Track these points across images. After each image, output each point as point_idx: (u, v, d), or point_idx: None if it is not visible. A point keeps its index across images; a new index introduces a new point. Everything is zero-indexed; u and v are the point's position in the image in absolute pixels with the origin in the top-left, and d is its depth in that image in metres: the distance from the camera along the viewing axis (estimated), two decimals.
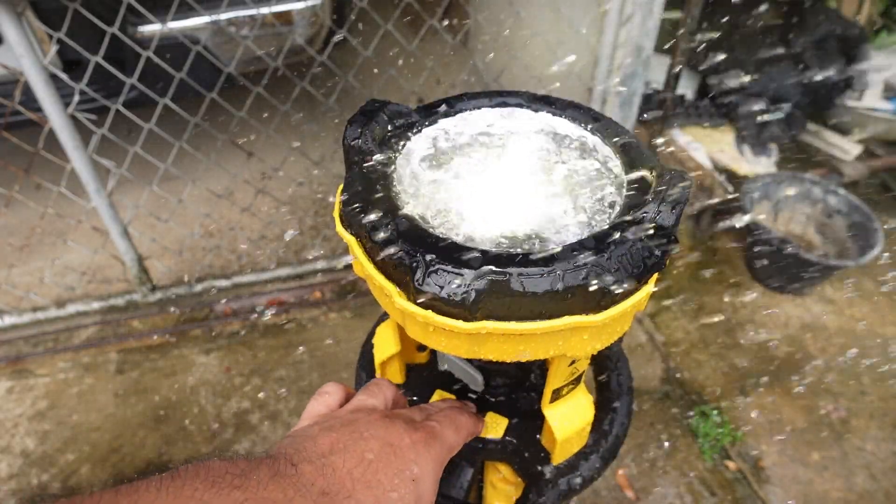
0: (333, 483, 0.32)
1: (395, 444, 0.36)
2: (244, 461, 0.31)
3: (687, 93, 2.22)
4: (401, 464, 0.35)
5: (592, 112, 0.45)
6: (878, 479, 1.41)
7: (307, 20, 1.57)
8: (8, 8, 1.07)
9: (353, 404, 0.42)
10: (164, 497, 0.26)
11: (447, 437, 0.40)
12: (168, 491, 0.26)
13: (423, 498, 0.36)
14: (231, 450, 1.41)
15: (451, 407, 0.46)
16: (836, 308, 1.83)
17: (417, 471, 0.36)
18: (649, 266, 0.34)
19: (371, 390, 0.44)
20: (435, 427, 0.40)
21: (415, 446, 0.37)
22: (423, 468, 0.36)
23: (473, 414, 0.48)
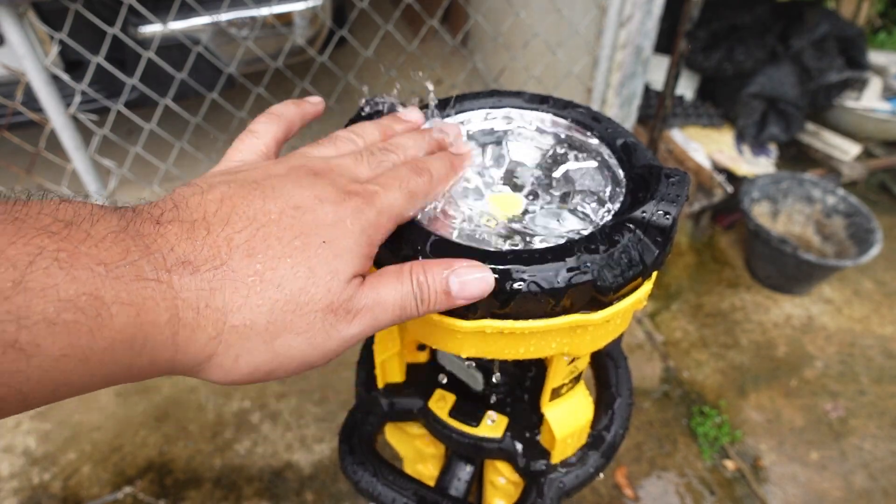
0: (203, 248, 0.25)
1: (307, 207, 0.28)
2: (93, 207, 0.24)
3: (686, 93, 2.22)
4: (305, 228, 0.28)
5: (592, 112, 0.45)
6: (877, 479, 1.41)
7: (307, 21, 1.58)
8: (10, 9, 1.08)
9: (289, 155, 0.34)
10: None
11: (390, 204, 0.32)
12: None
13: (339, 272, 0.28)
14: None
15: (408, 164, 0.35)
16: (835, 308, 1.83)
17: (333, 234, 0.28)
18: (648, 265, 0.34)
19: (340, 137, 0.36)
20: (375, 192, 0.31)
21: (337, 211, 0.29)
22: (342, 231, 0.29)
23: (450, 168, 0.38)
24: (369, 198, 0.31)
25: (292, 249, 0.27)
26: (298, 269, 0.27)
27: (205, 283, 0.25)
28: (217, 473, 1.37)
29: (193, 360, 0.26)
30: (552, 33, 1.74)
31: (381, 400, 0.55)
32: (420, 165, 0.36)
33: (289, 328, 0.27)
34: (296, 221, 0.28)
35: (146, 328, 0.23)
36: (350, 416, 0.57)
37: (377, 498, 0.50)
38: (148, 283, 0.23)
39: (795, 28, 2.04)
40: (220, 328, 0.25)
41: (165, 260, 0.24)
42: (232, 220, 0.27)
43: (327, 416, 1.49)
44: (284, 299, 0.26)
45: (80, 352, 0.21)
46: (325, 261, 0.28)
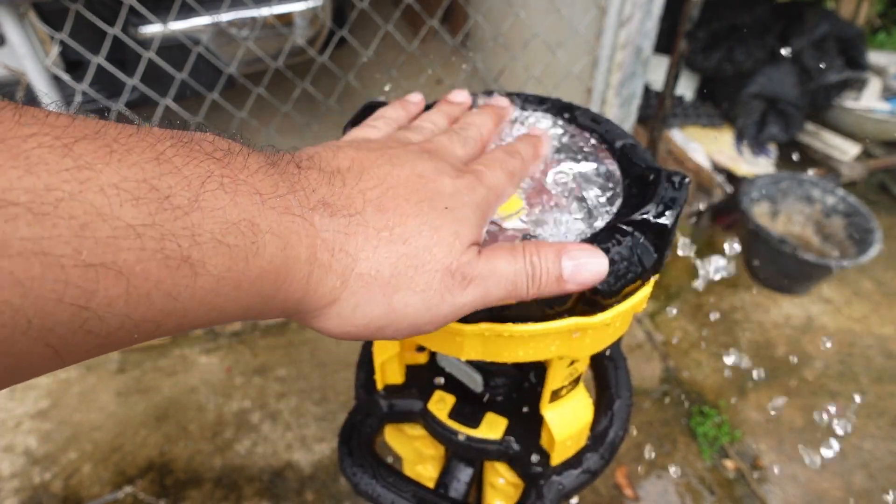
0: (340, 196, 0.27)
1: (428, 177, 0.30)
2: (241, 145, 0.25)
3: (686, 93, 2.22)
4: (429, 193, 0.29)
5: (591, 113, 0.45)
6: (877, 478, 1.41)
7: (307, 21, 1.58)
8: (10, 10, 1.08)
9: (392, 137, 0.36)
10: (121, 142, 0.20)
11: (496, 183, 0.34)
12: (130, 136, 0.21)
13: (461, 235, 0.29)
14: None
15: (501, 148, 0.38)
16: (835, 308, 1.83)
17: (455, 202, 0.30)
18: (648, 266, 0.34)
19: (420, 126, 0.38)
20: (482, 171, 0.34)
21: (455, 183, 0.31)
22: (462, 202, 0.30)
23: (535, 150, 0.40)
24: (479, 176, 0.33)
25: (419, 210, 0.28)
26: (424, 227, 0.28)
27: (341, 227, 0.26)
28: (217, 473, 1.37)
29: (318, 304, 0.26)
30: (552, 33, 1.74)
31: (380, 401, 0.55)
32: (511, 149, 0.38)
33: (409, 284, 0.27)
34: (420, 187, 0.29)
35: (289, 262, 0.24)
36: (349, 417, 0.57)
37: (376, 499, 0.50)
38: (294, 217, 0.24)
39: (795, 28, 2.04)
40: (349, 274, 0.26)
41: (308, 199, 0.26)
42: (364, 178, 0.28)
43: (327, 415, 1.49)
44: (409, 254, 0.27)
45: (235, 276, 0.22)
46: (448, 223, 0.29)
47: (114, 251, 0.18)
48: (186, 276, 0.21)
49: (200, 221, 0.21)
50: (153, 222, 0.19)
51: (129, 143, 0.20)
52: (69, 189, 0.18)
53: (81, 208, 0.18)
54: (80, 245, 0.18)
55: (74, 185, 0.18)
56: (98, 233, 0.18)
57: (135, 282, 0.19)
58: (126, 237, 0.19)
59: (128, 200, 0.19)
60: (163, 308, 0.20)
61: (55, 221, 0.17)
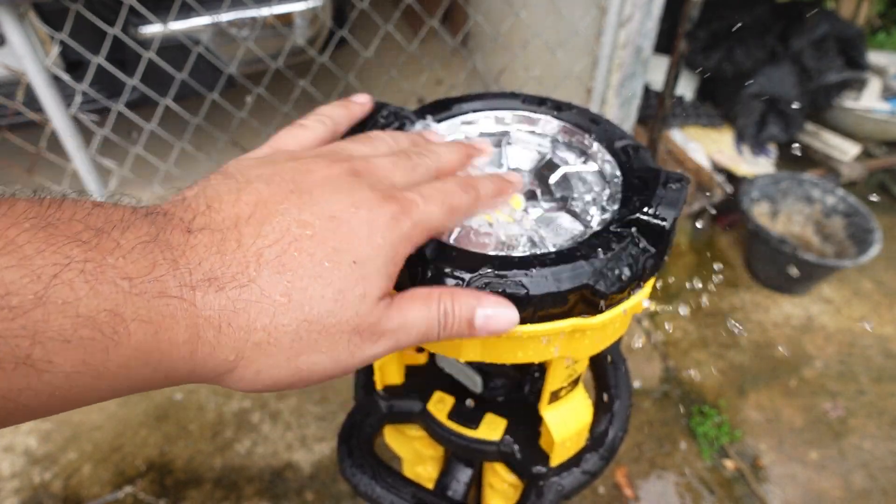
0: (232, 263, 0.24)
1: (342, 218, 0.27)
2: (123, 214, 0.23)
3: (686, 93, 2.22)
4: (338, 243, 0.27)
5: (590, 114, 0.45)
6: (877, 478, 1.41)
7: (308, 21, 1.58)
8: (10, 9, 1.08)
9: (328, 148, 0.33)
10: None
11: (427, 217, 0.31)
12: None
13: (368, 295, 0.27)
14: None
15: (456, 179, 0.34)
16: (835, 308, 1.83)
17: (365, 252, 0.27)
18: (647, 268, 0.34)
19: (376, 137, 0.35)
20: (414, 202, 0.30)
21: (373, 221, 0.28)
22: (374, 248, 0.28)
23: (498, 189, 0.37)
24: (407, 207, 0.30)
25: (322, 270, 0.26)
26: (327, 290, 0.26)
27: (229, 301, 0.24)
28: (217, 473, 1.37)
29: (212, 374, 0.25)
30: (552, 33, 1.74)
31: (380, 402, 0.55)
32: (468, 182, 0.35)
33: (313, 347, 0.26)
34: (329, 235, 0.27)
35: (163, 346, 0.23)
36: (349, 417, 0.57)
37: (376, 500, 0.50)
38: (171, 300, 0.23)
39: (795, 28, 2.04)
40: (242, 346, 0.25)
41: (192, 275, 0.24)
42: (264, 231, 0.26)
43: (327, 415, 1.49)
44: (311, 320, 0.26)
45: (94, 369, 0.21)
46: (354, 283, 0.27)
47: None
48: (27, 376, 0.19)
49: (45, 318, 0.19)
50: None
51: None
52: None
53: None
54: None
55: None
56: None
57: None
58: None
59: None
60: (2, 408, 0.19)
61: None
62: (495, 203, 0.37)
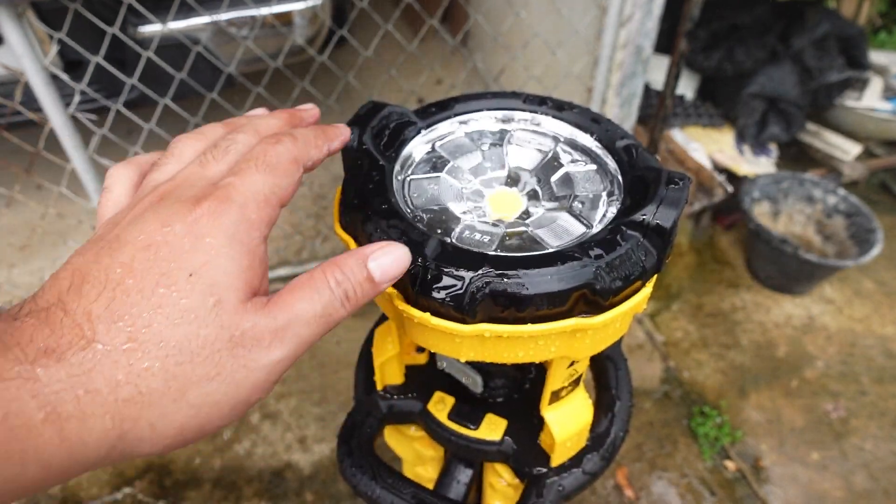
0: (65, 332, 0.23)
1: (158, 242, 0.25)
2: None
3: (686, 93, 2.22)
4: (163, 267, 0.25)
5: (591, 113, 0.45)
6: (878, 479, 1.41)
7: (307, 20, 1.57)
8: (9, 8, 1.07)
9: (139, 193, 0.31)
10: None
11: (251, 189, 0.28)
12: None
13: (218, 286, 0.25)
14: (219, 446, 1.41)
15: (269, 138, 0.31)
16: (836, 308, 1.83)
17: (198, 260, 0.25)
18: (648, 267, 0.34)
19: (176, 151, 0.32)
20: (228, 184, 0.28)
21: (193, 228, 0.26)
22: (207, 253, 0.26)
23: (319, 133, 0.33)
24: (223, 194, 0.27)
25: (159, 298, 0.24)
26: (174, 315, 0.24)
27: (75, 367, 0.22)
28: (217, 474, 1.37)
29: (102, 448, 0.23)
30: (552, 33, 1.74)
31: (380, 402, 0.55)
32: (276, 136, 0.31)
33: (195, 379, 0.24)
34: (150, 265, 0.25)
35: (21, 432, 0.21)
36: (349, 418, 0.57)
37: (376, 501, 0.49)
38: (10, 382, 0.21)
39: (796, 27, 2.04)
40: (113, 408, 0.23)
41: (26, 354, 0.22)
42: (84, 291, 0.24)
43: (327, 416, 1.49)
44: (174, 353, 0.24)
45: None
46: (200, 295, 0.25)
47: None
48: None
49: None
50: None
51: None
52: None
53: None
54: None
55: None
56: None
57: None
58: None
59: None
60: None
61: None
62: (327, 147, 0.34)
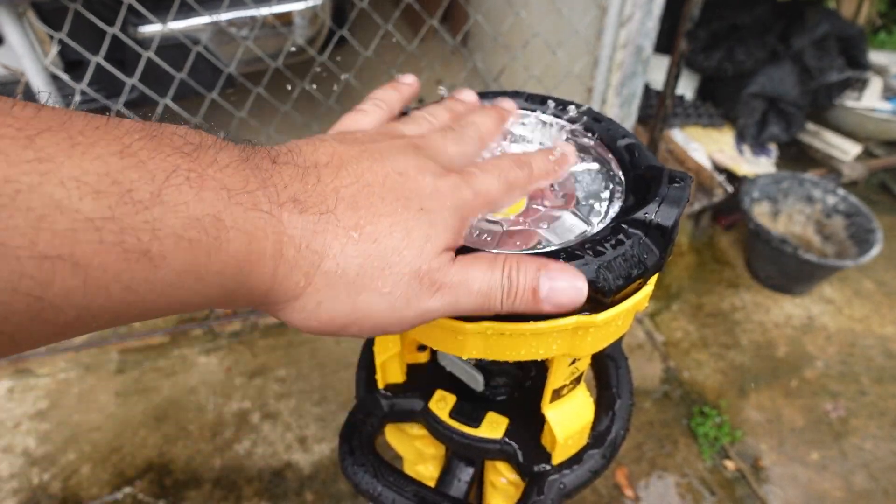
0: (313, 193, 0.27)
1: (410, 175, 0.30)
2: (216, 138, 0.25)
3: (686, 93, 2.22)
4: (406, 192, 0.29)
5: (592, 112, 0.45)
6: (878, 479, 1.41)
7: (307, 20, 1.57)
8: (9, 9, 1.08)
9: (384, 128, 0.36)
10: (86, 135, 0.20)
11: (486, 188, 0.32)
12: (96, 129, 0.21)
13: (433, 239, 0.28)
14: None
15: (511, 157, 0.36)
16: (836, 308, 1.83)
17: (431, 204, 0.29)
18: (650, 266, 0.34)
19: (419, 116, 0.37)
20: (473, 173, 0.32)
21: (437, 185, 0.30)
22: (439, 203, 0.29)
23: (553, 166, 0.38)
24: (468, 178, 0.32)
25: (392, 209, 0.28)
26: (395, 228, 0.28)
27: (310, 224, 0.26)
28: (217, 474, 1.37)
29: (283, 297, 0.26)
30: (552, 33, 1.74)
31: (381, 400, 0.55)
32: (523, 159, 0.36)
33: (374, 285, 0.27)
34: (398, 186, 0.29)
35: (254, 257, 0.24)
36: (350, 416, 0.57)
37: (377, 498, 0.50)
38: (261, 214, 0.24)
39: (796, 28, 2.04)
40: (314, 271, 0.26)
41: (279, 195, 0.25)
42: (341, 174, 0.28)
43: (327, 416, 1.49)
44: (377, 255, 0.27)
45: (197, 270, 0.22)
46: (420, 226, 0.28)
47: (71, 243, 0.18)
48: (146, 269, 0.21)
49: (162, 216, 0.21)
50: (113, 216, 0.19)
51: (94, 136, 0.20)
52: (28, 181, 0.18)
53: (40, 200, 0.18)
54: (37, 237, 0.18)
55: (34, 178, 0.18)
56: (56, 225, 0.18)
57: (93, 274, 0.19)
58: (85, 230, 0.19)
59: (88, 194, 0.19)
60: (122, 300, 0.21)
61: (11, 213, 0.17)
62: (550, 178, 0.39)
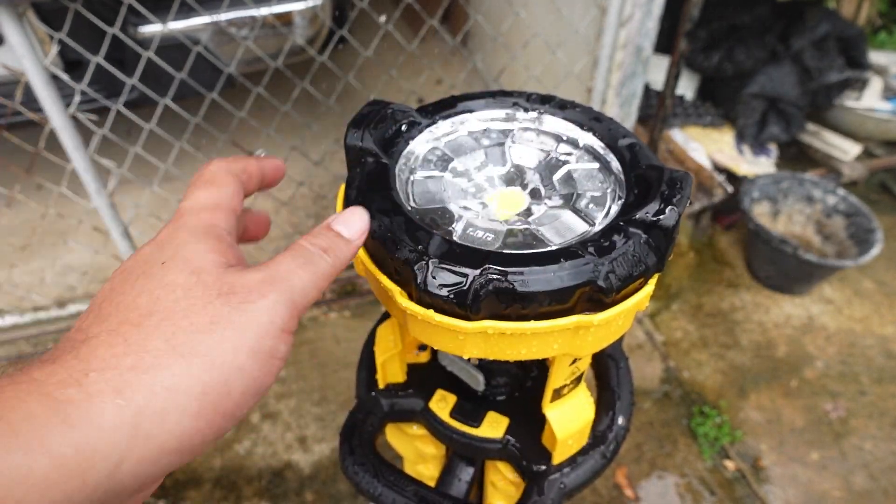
0: (61, 347, 0.25)
1: (134, 260, 0.29)
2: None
3: (686, 93, 2.22)
4: (141, 267, 0.28)
5: (592, 112, 0.45)
6: (877, 479, 1.41)
7: (307, 20, 1.57)
8: (9, 9, 1.07)
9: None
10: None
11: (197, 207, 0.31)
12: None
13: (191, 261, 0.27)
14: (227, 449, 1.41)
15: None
16: (836, 308, 1.83)
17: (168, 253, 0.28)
18: (650, 265, 0.34)
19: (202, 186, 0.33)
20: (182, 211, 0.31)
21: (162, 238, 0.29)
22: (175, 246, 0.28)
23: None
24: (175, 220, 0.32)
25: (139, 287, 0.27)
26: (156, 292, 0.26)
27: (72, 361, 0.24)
28: (217, 474, 1.37)
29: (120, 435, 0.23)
30: (552, 33, 1.74)
31: (381, 400, 0.55)
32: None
33: (194, 330, 0.25)
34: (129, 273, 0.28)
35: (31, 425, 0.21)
36: (351, 416, 0.57)
37: (378, 498, 0.49)
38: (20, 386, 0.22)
39: (796, 28, 2.04)
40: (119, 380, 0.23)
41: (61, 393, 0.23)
42: (82, 317, 0.28)
43: (327, 416, 1.49)
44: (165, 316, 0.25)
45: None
46: (177, 271, 0.27)
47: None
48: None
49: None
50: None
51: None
52: None
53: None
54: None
55: None
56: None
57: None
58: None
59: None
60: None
61: None
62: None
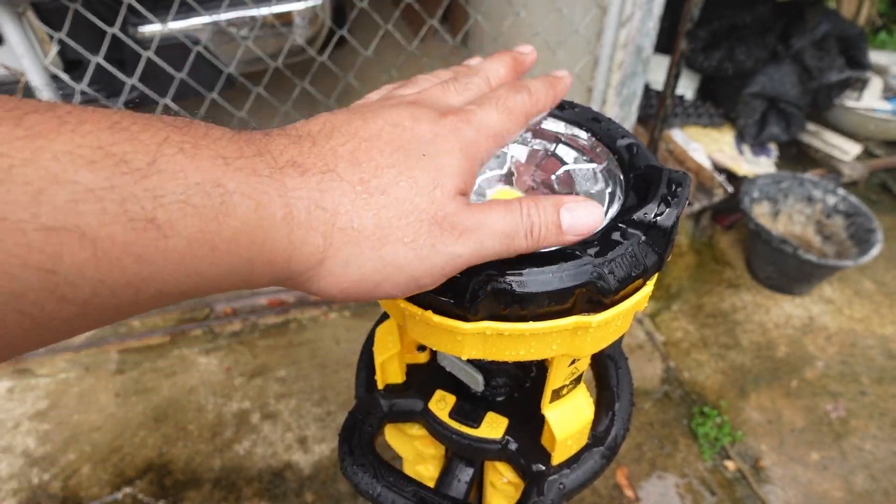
0: (310, 156, 0.26)
1: (405, 126, 0.29)
2: (204, 121, 0.25)
3: (687, 93, 2.22)
4: (405, 142, 0.28)
5: (591, 112, 0.45)
6: (878, 479, 1.41)
7: (307, 20, 1.57)
8: (9, 9, 1.08)
9: (387, 94, 0.35)
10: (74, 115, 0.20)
11: (487, 121, 0.32)
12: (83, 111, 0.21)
13: (442, 184, 0.28)
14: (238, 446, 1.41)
15: (504, 85, 0.36)
16: (836, 308, 1.83)
17: (433, 150, 0.29)
18: (649, 266, 0.34)
19: (420, 78, 0.36)
20: (471, 111, 0.32)
21: (435, 130, 0.30)
22: (441, 148, 0.29)
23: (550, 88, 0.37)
24: (465, 116, 0.31)
25: (394, 160, 0.28)
26: (401, 178, 0.27)
27: (314, 184, 0.26)
28: (217, 474, 1.37)
29: (307, 264, 0.26)
30: (552, 33, 1.74)
31: (381, 401, 0.55)
32: (518, 85, 0.35)
33: (395, 236, 0.27)
34: (395, 136, 0.29)
35: (265, 222, 0.24)
36: (350, 416, 0.57)
37: (377, 499, 0.49)
38: (262, 178, 0.24)
39: (796, 27, 2.04)
40: (330, 230, 0.26)
41: (276, 161, 0.25)
42: (335, 136, 0.28)
43: (327, 416, 1.49)
44: (389, 205, 0.27)
45: (209, 238, 0.22)
46: (427, 171, 0.28)
47: (74, 215, 0.19)
48: (155, 238, 0.20)
49: (162, 183, 0.21)
50: (112, 185, 0.19)
51: (83, 116, 0.20)
52: (21, 156, 0.18)
53: (36, 174, 0.18)
54: (38, 210, 0.18)
55: (27, 153, 0.18)
56: (56, 198, 0.18)
57: (102, 245, 0.19)
58: (86, 201, 0.19)
59: (83, 166, 0.19)
60: (137, 273, 0.20)
61: (9, 187, 0.18)
62: (550, 100, 0.38)
